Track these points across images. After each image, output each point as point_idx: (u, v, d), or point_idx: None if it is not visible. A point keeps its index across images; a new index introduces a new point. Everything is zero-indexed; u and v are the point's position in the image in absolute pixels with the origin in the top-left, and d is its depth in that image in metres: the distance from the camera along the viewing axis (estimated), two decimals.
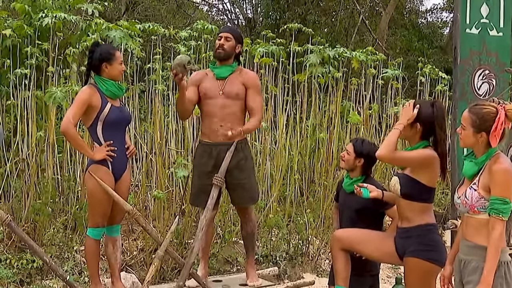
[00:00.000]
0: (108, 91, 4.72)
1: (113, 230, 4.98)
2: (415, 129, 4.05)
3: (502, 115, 3.45)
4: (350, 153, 4.67)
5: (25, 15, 7.23)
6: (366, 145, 4.73)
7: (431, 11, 23.69)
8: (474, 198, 3.47)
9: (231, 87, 5.05)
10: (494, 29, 6.49)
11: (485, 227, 3.45)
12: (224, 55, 5.07)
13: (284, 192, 7.58)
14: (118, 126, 4.74)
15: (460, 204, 3.57)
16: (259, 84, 5.27)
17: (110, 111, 4.66)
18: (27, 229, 6.22)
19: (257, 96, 5.15)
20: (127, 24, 7.48)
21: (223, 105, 5.00)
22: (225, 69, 5.09)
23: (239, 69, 5.19)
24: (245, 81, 5.10)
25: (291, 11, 16.52)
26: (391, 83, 9.52)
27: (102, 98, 4.67)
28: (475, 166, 3.55)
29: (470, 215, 3.55)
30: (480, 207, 3.45)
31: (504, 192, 3.37)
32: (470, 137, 3.54)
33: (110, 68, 4.73)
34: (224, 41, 5.05)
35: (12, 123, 6.94)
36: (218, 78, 5.08)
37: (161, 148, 7.19)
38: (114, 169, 4.72)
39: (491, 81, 6.45)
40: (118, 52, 4.84)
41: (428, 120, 4.01)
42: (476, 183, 3.50)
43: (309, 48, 8.58)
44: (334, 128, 8.20)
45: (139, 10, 19.33)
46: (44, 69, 6.91)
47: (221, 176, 4.92)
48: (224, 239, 6.54)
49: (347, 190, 4.69)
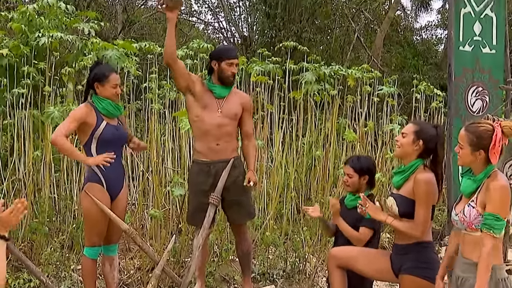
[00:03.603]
0: (104, 110, 4.76)
1: (111, 250, 5.00)
2: (417, 146, 4.09)
3: (499, 132, 3.47)
4: (352, 175, 4.66)
5: (22, 35, 7.26)
6: (364, 160, 4.75)
7: (426, 28, 23.86)
8: (472, 216, 3.48)
9: (229, 107, 5.09)
10: (487, 46, 6.54)
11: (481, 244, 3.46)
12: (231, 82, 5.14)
13: (280, 209, 7.58)
14: (113, 145, 4.75)
15: (458, 221, 3.59)
16: (252, 104, 5.42)
17: (105, 129, 4.69)
18: (24, 248, 6.21)
19: (250, 117, 5.32)
20: (123, 43, 7.52)
21: (220, 124, 5.04)
22: (225, 89, 5.13)
23: (234, 89, 5.27)
24: (242, 102, 5.18)
25: (286, 29, 16.57)
26: (387, 100, 9.55)
27: (97, 116, 4.71)
28: (474, 183, 3.56)
29: (468, 232, 3.56)
30: (478, 225, 3.46)
31: (498, 209, 3.39)
32: (468, 156, 3.55)
33: (101, 89, 4.77)
34: (235, 68, 5.10)
35: (9, 142, 6.95)
36: (217, 97, 5.11)
37: (158, 166, 7.21)
38: (109, 188, 4.73)
39: (484, 98, 6.49)
40: (114, 74, 4.85)
41: (431, 140, 4.05)
42: (474, 200, 3.51)
43: (305, 66, 8.62)
44: (330, 145, 8.21)
45: (135, 28, 19.41)
46: (40, 89, 6.93)
47: (218, 195, 4.94)
48: (221, 257, 6.53)
49: (348, 206, 4.69)
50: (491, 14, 6.61)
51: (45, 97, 6.89)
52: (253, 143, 5.32)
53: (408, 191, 4.08)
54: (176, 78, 5.06)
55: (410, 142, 4.12)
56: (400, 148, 4.19)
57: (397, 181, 4.19)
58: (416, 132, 4.13)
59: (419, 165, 4.11)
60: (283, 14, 16.87)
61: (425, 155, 4.14)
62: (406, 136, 4.15)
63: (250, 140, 5.29)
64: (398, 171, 4.21)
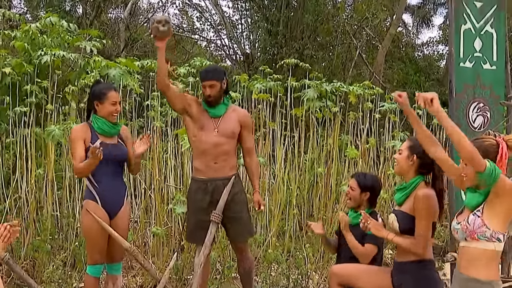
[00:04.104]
0: (100, 129, 4.78)
1: (114, 269, 4.99)
2: (412, 162, 4.11)
3: (504, 145, 3.48)
4: (355, 189, 4.67)
5: (25, 53, 7.30)
6: (369, 178, 4.77)
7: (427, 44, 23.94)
8: (476, 224, 3.46)
9: (226, 125, 5.09)
10: (488, 62, 6.57)
11: (480, 258, 3.45)
12: (215, 101, 5.10)
13: (283, 226, 7.57)
14: (107, 163, 4.74)
15: (460, 229, 3.56)
16: (252, 123, 5.39)
17: None
18: (26, 266, 6.21)
19: (250, 134, 5.29)
20: (125, 61, 7.55)
21: (217, 143, 5.05)
22: (220, 108, 5.13)
23: (232, 107, 5.26)
24: (240, 120, 5.17)
25: (288, 46, 16.66)
26: (389, 116, 9.55)
27: (92, 135, 4.76)
28: (480, 196, 3.54)
29: (467, 245, 3.53)
30: (481, 235, 3.44)
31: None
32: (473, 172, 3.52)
33: (101, 107, 4.80)
34: (209, 90, 5.04)
35: (12, 160, 6.97)
36: (212, 117, 5.13)
37: (160, 184, 7.21)
38: (105, 205, 4.74)
39: (485, 114, 6.50)
40: (113, 92, 4.86)
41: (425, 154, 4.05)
42: (481, 210, 3.49)
43: (306, 83, 8.64)
44: (332, 162, 8.22)
45: (138, 46, 19.52)
46: (43, 107, 6.96)
47: (219, 213, 4.95)
48: (223, 274, 6.52)
49: (351, 222, 4.67)
50: (491, 30, 6.64)
51: (48, 115, 6.91)
52: (255, 160, 5.32)
53: (409, 207, 4.10)
54: (171, 102, 5.11)
55: (405, 157, 4.16)
56: (397, 165, 4.23)
57: (399, 197, 4.21)
58: (410, 147, 4.17)
59: (420, 181, 4.12)
60: (285, 31, 16.97)
61: (424, 171, 4.16)
62: (402, 153, 4.19)
63: (252, 157, 5.29)
64: (400, 188, 4.24)
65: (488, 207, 3.46)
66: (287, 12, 17.22)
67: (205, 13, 21.53)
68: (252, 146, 5.33)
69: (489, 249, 3.44)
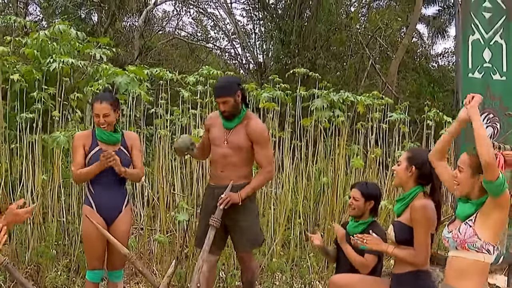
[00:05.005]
0: (99, 136, 4.82)
1: (115, 276, 5.01)
2: (410, 173, 4.09)
3: (501, 159, 3.47)
4: (358, 199, 4.66)
5: (34, 60, 7.35)
6: (371, 186, 4.77)
7: (442, 55, 23.82)
8: (468, 234, 3.46)
9: (234, 139, 5.10)
10: (498, 73, 6.53)
11: (469, 270, 3.43)
12: (231, 115, 5.09)
13: (288, 236, 7.55)
14: (105, 171, 4.75)
15: (450, 238, 3.55)
16: (264, 136, 5.18)
17: (95, 154, 4.74)
18: (30, 271, 6.23)
19: (262, 149, 5.12)
20: (134, 69, 7.58)
21: (225, 154, 5.09)
22: (233, 121, 5.13)
23: (247, 118, 5.16)
24: (250, 134, 5.10)
25: (301, 56, 16.67)
26: (400, 126, 9.52)
27: (93, 142, 4.79)
28: (472, 207, 3.53)
29: (457, 254, 3.51)
30: (471, 244, 3.43)
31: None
32: (468, 179, 3.54)
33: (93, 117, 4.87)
34: (223, 106, 5.05)
35: (18, 166, 7.01)
36: (225, 128, 5.15)
37: (165, 192, 7.22)
38: (101, 211, 4.76)
39: (495, 125, 6.47)
40: (97, 104, 4.83)
41: (423, 165, 4.06)
42: (473, 220, 3.48)
43: (316, 92, 8.63)
44: (340, 171, 8.18)
45: (152, 54, 19.60)
46: (50, 113, 7.00)
47: (218, 217, 4.95)
48: (226, 282, 6.50)
49: (351, 232, 4.66)
50: (501, 41, 6.61)
51: (55, 122, 6.95)
52: (263, 170, 5.17)
53: (406, 218, 4.09)
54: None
55: (403, 169, 4.16)
56: (396, 176, 4.22)
57: (398, 208, 4.20)
58: (409, 158, 4.16)
59: (418, 192, 4.11)
60: (298, 41, 16.99)
61: (423, 181, 4.14)
62: (401, 164, 4.18)
63: (262, 169, 5.16)
64: (399, 199, 4.24)
65: (482, 217, 3.44)
66: (300, 21, 17.25)
67: (219, 22, 21.63)
68: (262, 161, 5.13)
69: (479, 260, 3.42)
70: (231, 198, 4.98)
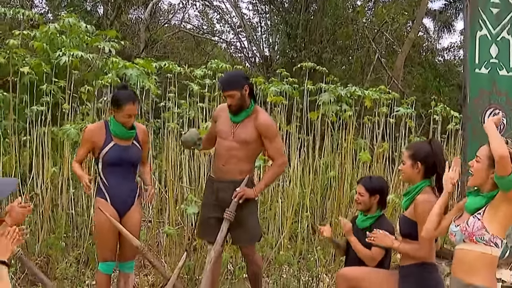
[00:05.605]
0: (113, 131, 4.83)
1: (127, 267, 5.06)
2: (417, 169, 4.13)
3: None
4: (363, 194, 4.70)
5: (43, 53, 7.39)
6: (375, 180, 4.80)
7: (448, 49, 23.76)
8: (476, 227, 3.46)
9: (241, 132, 5.11)
10: (504, 69, 6.55)
11: (476, 263, 3.46)
12: (238, 109, 5.11)
13: (295, 229, 7.59)
14: (119, 165, 4.83)
15: (458, 231, 3.55)
16: (273, 130, 5.20)
17: (111, 150, 4.77)
18: (40, 262, 6.29)
19: (272, 143, 5.14)
20: (143, 63, 7.62)
21: (230, 147, 5.11)
22: (241, 115, 5.14)
23: (255, 112, 5.18)
24: (258, 128, 5.11)
25: (307, 50, 16.66)
26: (406, 121, 9.54)
27: (107, 136, 4.81)
28: (482, 199, 3.54)
29: (464, 247, 3.53)
30: (479, 237, 3.44)
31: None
32: (483, 171, 3.51)
33: (116, 115, 4.84)
34: (230, 100, 5.07)
35: (28, 159, 7.06)
36: (233, 122, 5.17)
37: (174, 185, 7.27)
38: (115, 204, 4.81)
39: (502, 120, 6.49)
40: (130, 105, 4.82)
41: (428, 158, 4.10)
42: (481, 213, 3.49)
43: (322, 86, 8.66)
44: (347, 166, 8.22)
45: (158, 47, 19.61)
46: (60, 106, 7.05)
47: (232, 211, 4.99)
48: (234, 275, 6.55)
49: (360, 226, 4.71)
50: (508, 36, 6.63)
51: (64, 115, 7.00)
52: (274, 165, 5.21)
53: (411, 212, 4.13)
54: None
55: (409, 167, 4.19)
56: (404, 174, 4.26)
57: (404, 202, 4.25)
58: (411, 155, 4.19)
59: (424, 186, 4.14)
60: (304, 34, 16.98)
61: (430, 174, 4.17)
62: (405, 163, 4.21)
63: (274, 163, 5.21)
64: (405, 193, 4.27)
65: (491, 211, 3.46)
66: (306, 15, 17.23)
67: (225, 15, 21.61)
68: (274, 154, 5.17)
69: (486, 253, 3.44)
70: (246, 193, 5.03)
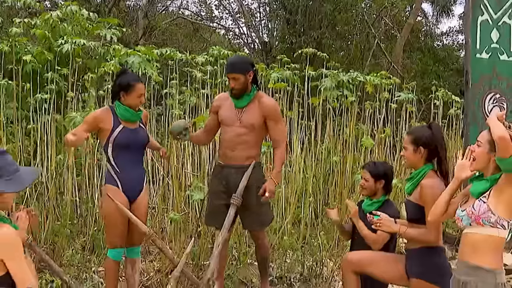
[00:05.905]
0: (122, 115, 4.85)
1: (133, 252, 5.09)
2: (420, 154, 4.17)
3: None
4: (368, 179, 4.73)
5: (45, 41, 7.40)
6: (379, 165, 4.83)
7: (447, 34, 23.76)
8: (482, 210, 3.47)
9: (248, 117, 5.15)
10: (505, 53, 6.57)
11: (484, 245, 3.49)
12: (240, 93, 5.14)
13: (298, 214, 7.64)
14: (129, 148, 4.84)
15: (465, 215, 3.57)
16: (277, 111, 5.27)
17: (121, 133, 4.78)
18: (46, 250, 6.32)
19: (277, 125, 5.21)
20: (145, 50, 7.63)
21: (238, 133, 5.14)
22: (243, 99, 5.18)
23: (258, 96, 5.23)
24: (263, 111, 5.16)
25: (306, 35, 16.66)
26: (407, 106, 9.57)
27: (114, 120, 4.81)
28: (487, 183, 3.56)
29: (471, 230, 3.55)
30: (485, 220, 3.45)
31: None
32: (484, 155, 3.50)
33: (127, 98, 4.84)
34: (233, 82, 5.10)
35: (32, 147, 7.09)
36: (237, 107, 5.21)
37: (178, 171, 7.30)
38: (126, 190, 4.82)
39: (502, 105, 6.52)
40: (140, 84, 4.89)
41: (429, 142, 4.14)
42: (487, 196, 3.51)
43: (324, 72, 8.68)
44: (349, 151, 8.26)
45: (156, 34, 19.57)
46: (63, 94, 7.06)
47: (239, 195, 5.03)
48: (239, 260, 6.61)
49: (366, 210, 4.73)
50: (509, 21, 6.64)
51: (68, 102, 7.02)
52: (280, 149, 5.25)
53: (416, 197, 4.16)
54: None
55: (412, 152, 4.21)
56: (407, 160, 4.29)
57: (408, 187, 4.27)
58: (413, 141, 4.21)
59: (427, 170, 4.17)
60: (303, 20, 16.97)
61: (431, 157, 4.21)
62: (407, 149, 4.24)
63: (278, 148, 5.24)
64: (409, 178, 4.30)
65: (496, 193, 3.47)
66: (305, 1, 17.20)
67: (224, 1, 21.58)
68: (279, 138, 5.23)
69: (493, 235, 3.46)
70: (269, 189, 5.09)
